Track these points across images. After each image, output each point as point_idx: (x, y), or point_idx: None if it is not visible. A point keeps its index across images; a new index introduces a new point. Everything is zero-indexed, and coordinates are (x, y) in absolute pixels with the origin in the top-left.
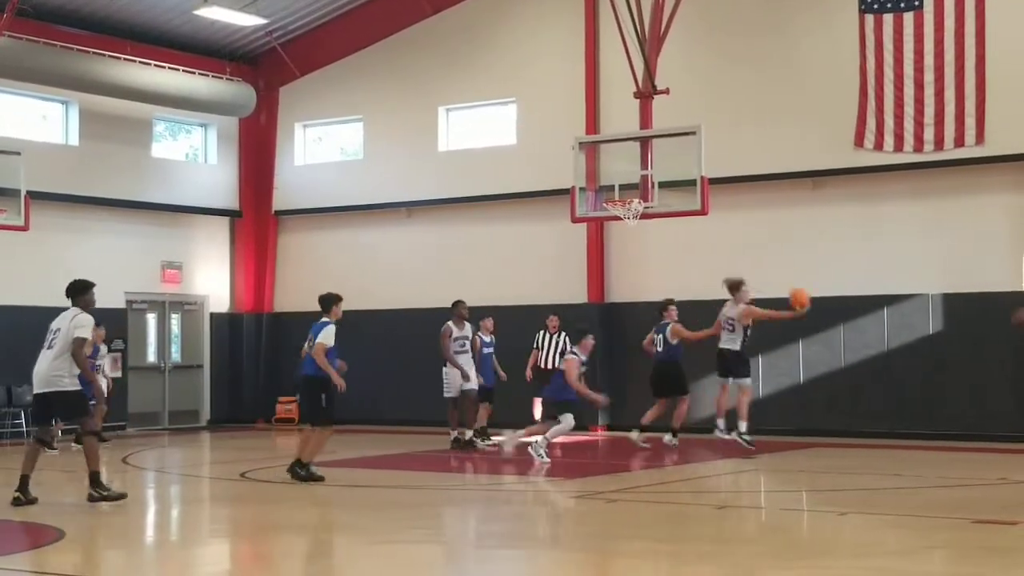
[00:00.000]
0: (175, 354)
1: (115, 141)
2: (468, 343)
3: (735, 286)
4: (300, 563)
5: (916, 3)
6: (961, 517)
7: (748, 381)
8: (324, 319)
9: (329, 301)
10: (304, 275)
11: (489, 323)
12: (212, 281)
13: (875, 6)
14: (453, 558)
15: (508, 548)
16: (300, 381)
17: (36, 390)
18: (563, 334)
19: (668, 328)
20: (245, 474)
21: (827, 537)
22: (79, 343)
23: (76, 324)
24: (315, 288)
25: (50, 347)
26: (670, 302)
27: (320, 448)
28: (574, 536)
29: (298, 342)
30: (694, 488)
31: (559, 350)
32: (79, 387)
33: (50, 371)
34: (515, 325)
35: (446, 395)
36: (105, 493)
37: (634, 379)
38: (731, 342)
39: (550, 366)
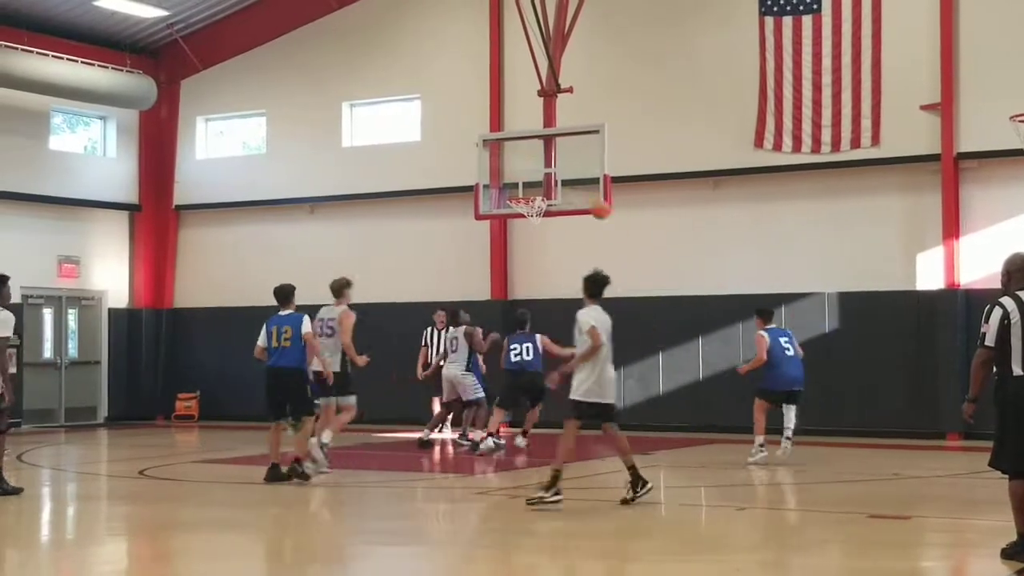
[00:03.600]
0: (72, 350)
1: (11, 133)
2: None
3: (339, 289)
4: (197, 561)
5: (815, 6)
6: (856, 512)
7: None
8: (286, 311)
9: (292, 292)
10: (205, 270)
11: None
12: (111, 276)
13: (775, 8)
14: (343, 552)
15: (404, 545)
16: (278, 374)
17: None
18: (452, 329)
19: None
20: (144, 471)
21: (724, 531)
22: (2, 343)
23: None
24: (216, 283)
25: None
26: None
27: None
28: (478, 532)
29: (198, 337)
30: (597, 484)
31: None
32: None
33: None
34: (418, 322)
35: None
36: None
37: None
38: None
39: (441, 363)
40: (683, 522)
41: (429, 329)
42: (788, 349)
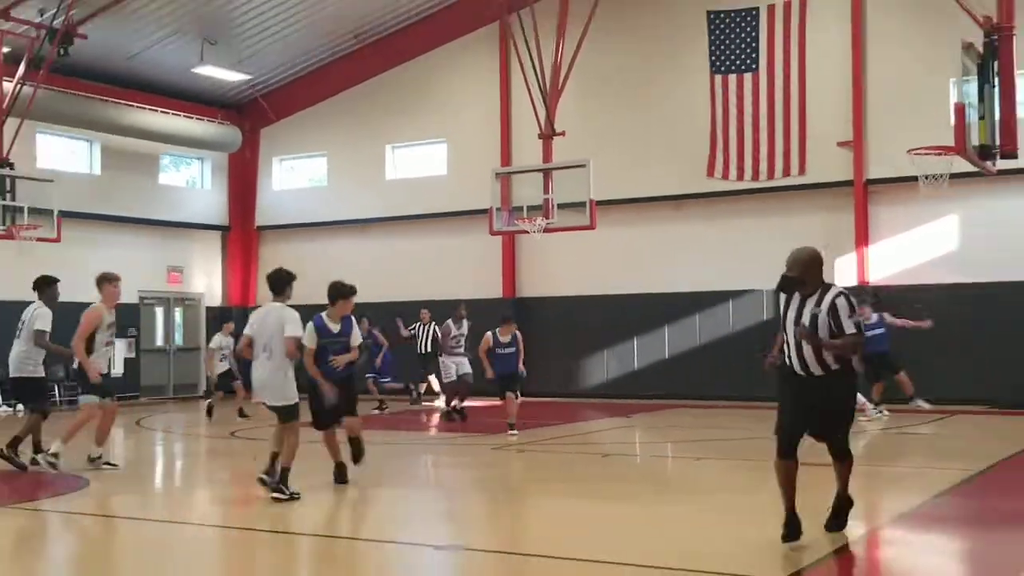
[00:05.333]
0: (178, 339)
1: (130, 171)
2: (463, 339)
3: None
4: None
5: (753, 67)
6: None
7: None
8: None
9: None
10: None
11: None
12: (208, 281)
13: (722, 68)
14: (385, 496)
15: (438, 489)
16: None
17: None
18: (432, 323)
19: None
20: (234, 433)
21: (687, 477)
22: (39, 335)
23: (36, 316)
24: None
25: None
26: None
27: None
28: (491, 479)
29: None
30: (585, 441)
31: (431, 338)
32: (42, 375)
33: (18, 358)
34: (446, 314)
35: (445, 380)
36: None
37: (538, 355)
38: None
39: (423, 351)
40: (654, 470)
41: (417, 324)
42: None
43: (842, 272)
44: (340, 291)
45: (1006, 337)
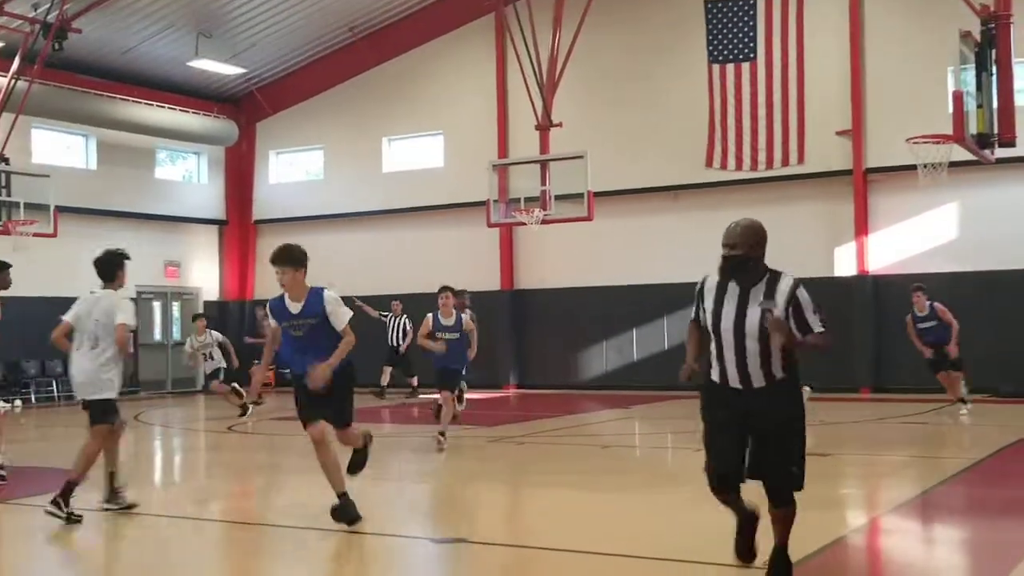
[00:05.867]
0: (176, 333)
1: (126, 165)
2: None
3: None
4: (276, 495)
5: (751, 56)
6: None
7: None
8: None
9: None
10: None
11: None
12: (205, 275)
13: (720, 58)
14: (381, 489)
15: (435, 482)
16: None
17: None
18: (404, 316)
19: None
20: (231, 427)
21: (687, 468)
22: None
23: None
24: None
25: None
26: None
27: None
28: (489, 472)
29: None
30: (584, 433)
31: (403, 331)
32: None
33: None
34: (437, 307)
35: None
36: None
37: (537, 347)
38: None
39: (394, 343)
40: (653, 461)
41: (388, 315)
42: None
43: (842, 262)
44: (288, 258)
45: (1006, 325)
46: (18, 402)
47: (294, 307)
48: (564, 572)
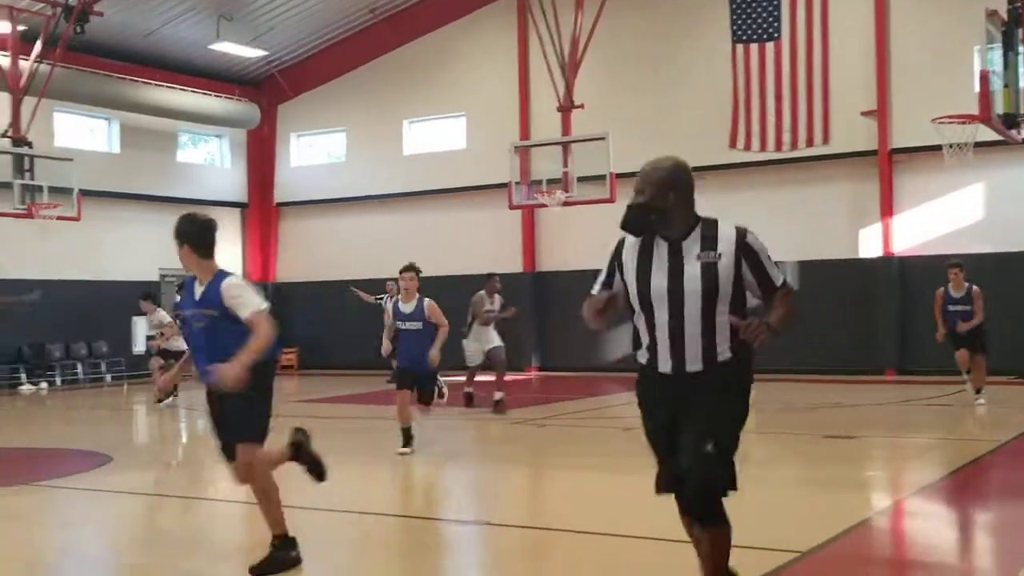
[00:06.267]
0: None
1: (149, 149)
2: (495, 314)
3: None
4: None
5: (775, 35)
6: (812, 433)
7: None
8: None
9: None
10: (300, 252)
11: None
12: (227, 258)
13: (743, 38)
14: (427, 470)
15: (459, 465)
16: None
17: None
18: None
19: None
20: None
21: None
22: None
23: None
24: (309, 262)
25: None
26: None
27: None
28: (513, 454)
29: (296, 303)
30: (606, 415)
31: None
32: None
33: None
34: (465, 288)
35: (469, 364)
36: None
37: (559, 329)
38: None
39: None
40: None
41: (384, 296)
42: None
43: (867, 243)
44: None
45: None
46: (43, 384)
47: (197, 292)
48: (586, 554)
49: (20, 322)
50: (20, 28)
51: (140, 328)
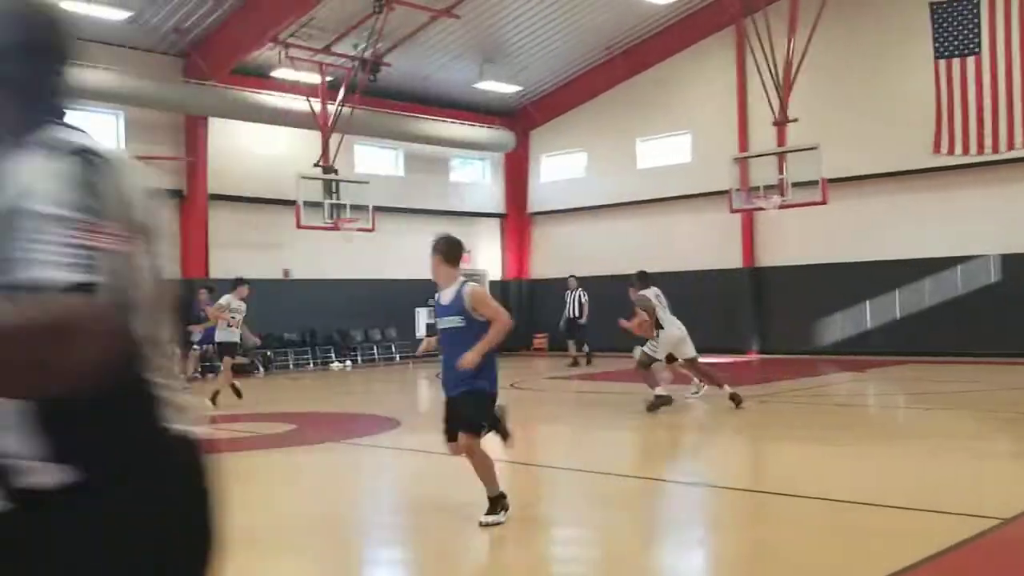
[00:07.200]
0: None
1: (427, 172)
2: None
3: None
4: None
5: (976, 50)
6: (1018, 412)
7: None
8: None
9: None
10: (549, 254)
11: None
12: (490, 259)
13: (945, 53)
14: (662, 440)
15: (685, 433)
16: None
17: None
18: (579, 290)
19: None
20: (513, 384)
21: (919, 425)
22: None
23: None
24: (557, 261)
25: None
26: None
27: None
28: (735, 426)
29: (544, 296)
30: (821, 393)
31: (578, 303)
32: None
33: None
34: (687, 285)
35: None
36: None
37: (776, 316)
38: None
39: (573, 314)
40: (886, 418)
41: (566, 292)
42: None
43: None
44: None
45: None
46: (348, 362)
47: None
48: (805, 516)
49: (332, 313)
50: (327, 79)
51: (421, 317)
